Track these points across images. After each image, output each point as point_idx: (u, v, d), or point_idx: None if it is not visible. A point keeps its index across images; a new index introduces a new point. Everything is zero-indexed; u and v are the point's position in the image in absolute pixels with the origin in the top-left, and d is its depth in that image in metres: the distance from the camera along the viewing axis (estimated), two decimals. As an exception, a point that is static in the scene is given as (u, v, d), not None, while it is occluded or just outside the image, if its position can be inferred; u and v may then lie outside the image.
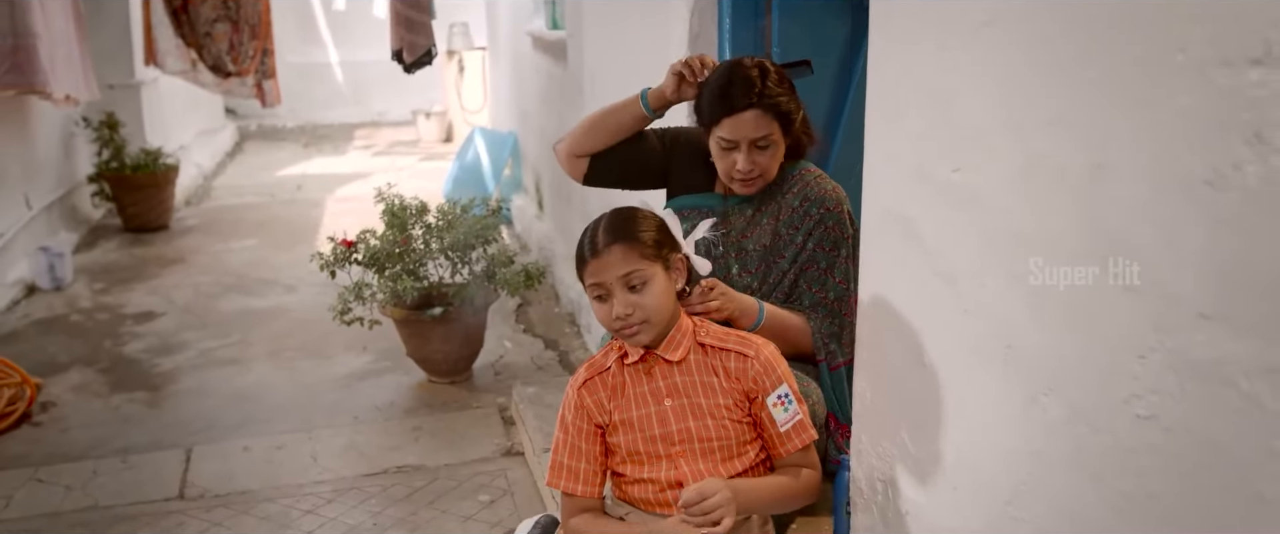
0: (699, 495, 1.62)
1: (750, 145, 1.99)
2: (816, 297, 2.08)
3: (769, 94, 1.98)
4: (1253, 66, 0.94)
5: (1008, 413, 1.37)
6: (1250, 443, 0.99)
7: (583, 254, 1.75)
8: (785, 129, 2.02)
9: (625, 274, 1.70)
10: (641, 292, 1.71)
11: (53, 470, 2.92)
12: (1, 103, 4.81)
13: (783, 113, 1.99)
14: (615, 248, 1.70)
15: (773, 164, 2.04)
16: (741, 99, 1.98)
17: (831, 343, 2.08)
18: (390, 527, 2.56)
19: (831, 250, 2.07)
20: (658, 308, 1.72)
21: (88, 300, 4.61)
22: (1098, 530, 1.23)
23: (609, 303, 1.71)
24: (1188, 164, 1.03)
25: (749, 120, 1.97)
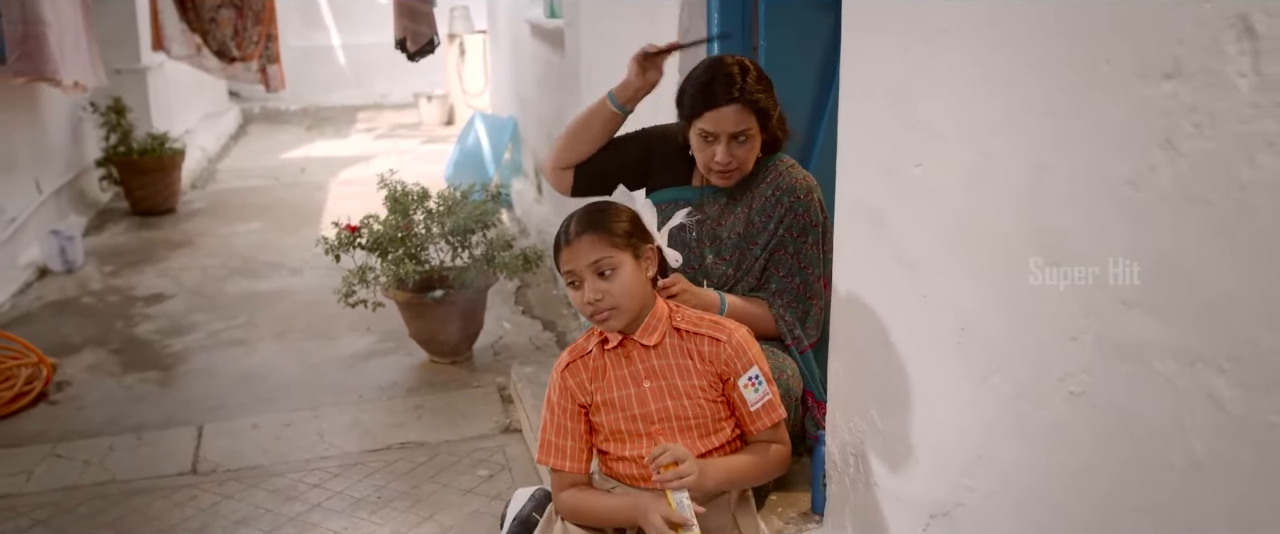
0: (665, 451, 1.75)
1: (729, 138, 2.10)
2: (784, 282, 2.19)
3: (749, 90, 2.09)
4: (1165, 80, 1.05)
5: (962, 392, 1.48)
6: (1163, 418, 1.10)
7: (557, 243, 1.86)
8: (763, 124, 2.13)
9: (594, 261, 1.81)
10: (610, 278, 1.81)
11: (70, 446, 3.04)
12: (12, 90, 4.91)
13: (761, 108, 2.11)
14: (585, 237, 1.81)
15: (749, 157, 2.15)
16: (723, 94, 2.09)
17: (797, 328, 2.20)
18: (393, 499, 2.68)
19: (800, 236, 2.18)
20: (626, 294, 1.82)
21: (98, 283, 4.73)
22: (1037, 497, 1.35)
23: (579, 290, 1.82)
24: (1112, 166, 1.14)
25: (729, 114, 2.09)
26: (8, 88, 4.85)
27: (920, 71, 1.51)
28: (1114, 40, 1.12)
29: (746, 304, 2.19)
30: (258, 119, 10.25)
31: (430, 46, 4.92)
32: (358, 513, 2.62)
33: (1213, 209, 1.01)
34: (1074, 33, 1.18)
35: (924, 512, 1.62)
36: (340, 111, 10.57)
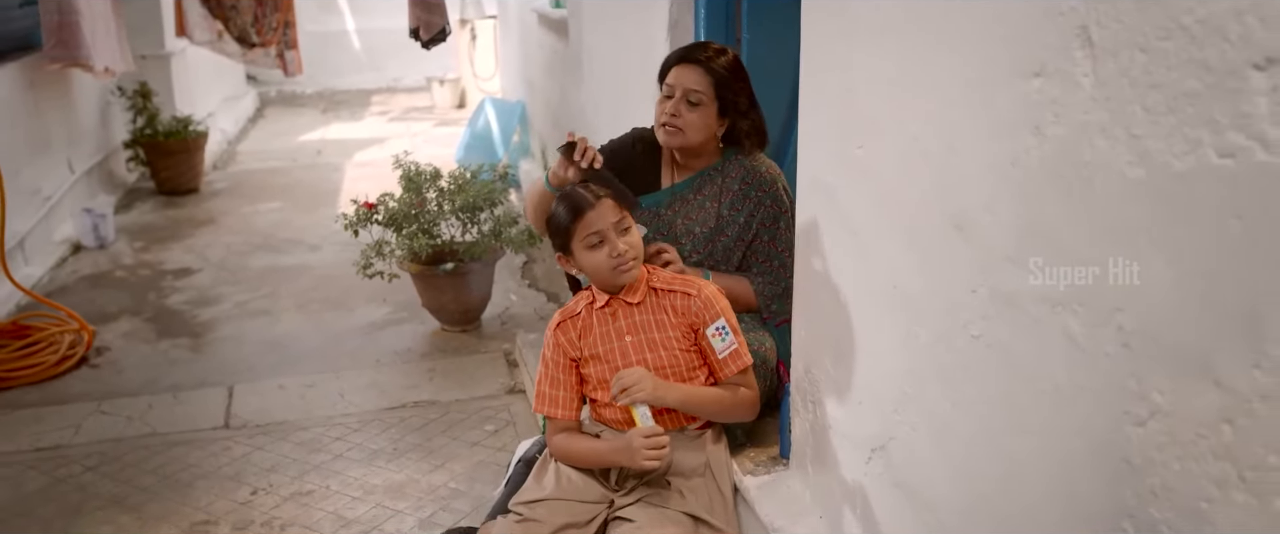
0: (617, 381, 2.02)
1: (683, 95, 2.35)
2: (763, 266, 2.45)
3: (713, 62, 2.35)
4: (1034, 77, 1.30)
5: (893, 340, 1.74)
6: (1034, 353, 1.35)
7: (577, 211, 2.10)
8: (721, 102, 2.37)
9: (617, 220, 2.09)
10: (630, 233, 2.10)
11: (113, 404, 3.33)
12: (47, 75, 5.18)
13: (720, 79, 2.35)
14: (607, 201, 2.09)
15: (695, 123, 2.36)
16: (691, 54, 2.37)
17: (774, 303, 2.45)
18: (408, 451, 2.95)
19: (772, 225, 2.43)
20: (639, 248, 2.12)
21: (130, 258, 5.02)
22: (949, 426, 1.60)
23: (604, 247, 2.08)
24: (1000, 149, 1.38)
25: (688, 72, 2.35)
26: (43, 73, 5.12)
27: (861, 68, 1.76)
28: (1001, 46, 1.36)
29: (729, 280, 2.44)
30: (274, 102, 10.52)
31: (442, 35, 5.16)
32: (375, 462, 2.89)
33: (1066, 182, 1.25)
34: (974, 38, 1.42)
35: (866, 447, 1.88)
36: (354, 95, 10.83)
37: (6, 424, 3.18)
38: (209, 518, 2.62)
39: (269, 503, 2.68)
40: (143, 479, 2.82)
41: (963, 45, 1.45)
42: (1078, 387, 1.28)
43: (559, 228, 2.14)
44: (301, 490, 2.74)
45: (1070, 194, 1.25)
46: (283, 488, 2.75)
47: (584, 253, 2.13)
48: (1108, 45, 1.16)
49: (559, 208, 2.13)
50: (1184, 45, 1.05)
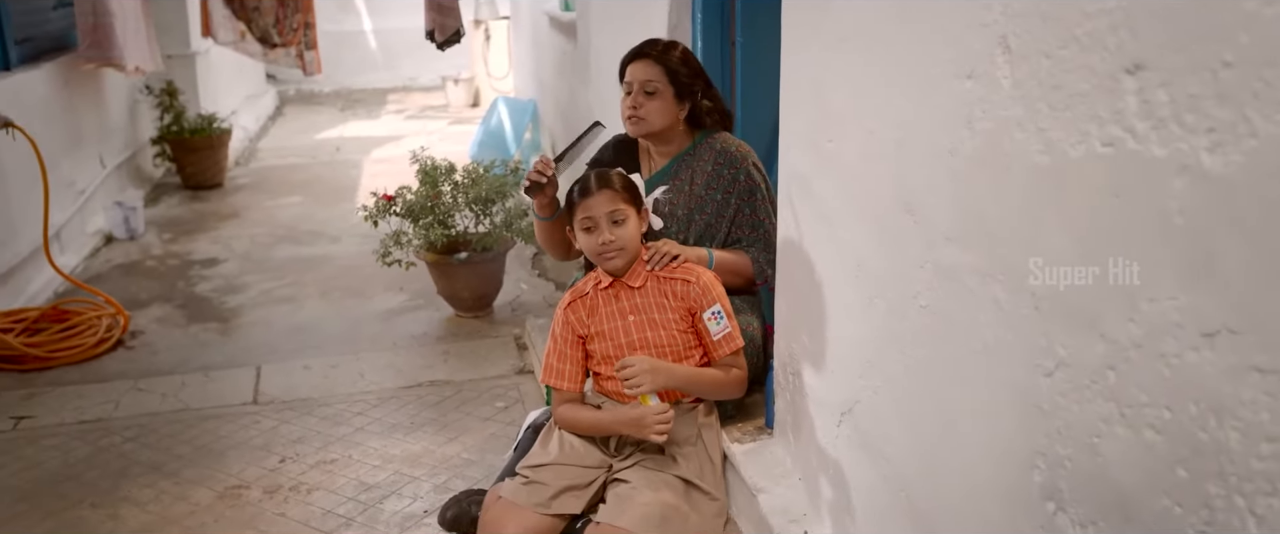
0: (624, 365, 2.22)
1: (639, 87, 2.58)
2: (751, 236, 2.66)
3: (663, 54, 2.58)
4: (967, 79, 1.50)
5: (858, 312, 1.94)
6: (969, 317, 1.56)
7: (574, 197, 2.34)
8: (676, 88, 2.59)
9: (610, 211, 2.30)
10: (621, 225, 2.31)
11: (148, 382, 3.56)
12: (81, 75, 5.43)
13: (673, 71, 2.58)
14: (604, 192, 2.31)
15: (656, 112, 2.60)
16: (641, 51, 2.61)
17: (768, 268, 2.66)
18: (424, 425, 3.17)
19: (749, 199, 2.65)
20: (630, 239, 2.33)
21: (159, 248, 5.26)
22: (903, 388, 1.80)
23: (596, 233, 2.30)
24: (941, 140, 1.59)
25: (641, 66, 2.59)
26: (77, 72, 5.37)
27: (829, 71, 1.97)
28: (941, 51, 1.56)
29: (729, 255, 2.66)
30: (293, 101, 10.77)
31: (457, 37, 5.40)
32: (394, 435, 3.11)
33: (991, 169, 1.46)
34: (919, 44, 1.63)
35: (837, 411, 2.09)
36: (371, 93, 11.07)
37: (51, 399, 3.42)
38: (241, 483, 2.84)
39: (296, 470, 2.90)
40: (179, 448, 3.05)
41: (910, 51, 1.66)
42: (1002, 345, 1.48)
43: (568, 206, 2.37)
44: (326, 459, 2.96)
45: (995, 179, 1.45)
46: (308, 457, 2.98)
47: (580, 234, 2.35)
48: (1022, 52, 1.36)
49: (574, 187, 2.36)
50: (1076, 52, 1.25)
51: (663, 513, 2.27)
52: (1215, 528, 1.10)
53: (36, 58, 5.10)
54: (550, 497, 2.36)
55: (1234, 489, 1.06)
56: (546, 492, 2.36)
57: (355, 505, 2.71)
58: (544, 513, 2.34)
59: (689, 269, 2.40)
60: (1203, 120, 1.06)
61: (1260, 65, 0.98)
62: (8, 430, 3.21)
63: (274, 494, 2.77)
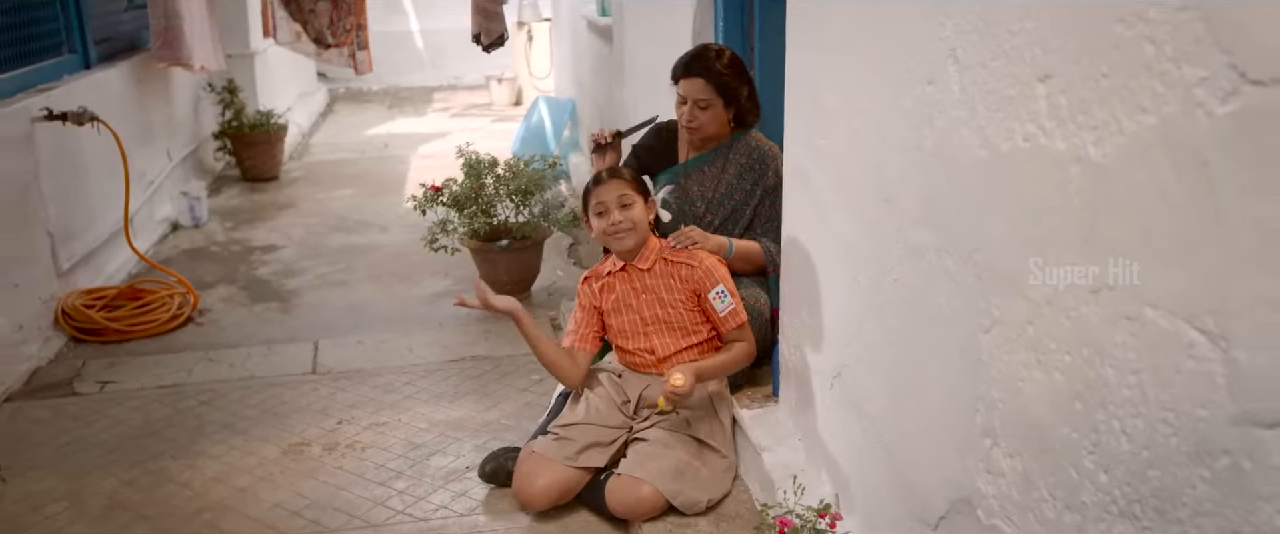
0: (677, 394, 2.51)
1: (694, 102, 2.88)
2: (766, 226, 2.95)
3: (714, 70, 2.87)
4: (929, 85, 1.77)
5: (845, 289, 2.22)
6: (929, 288, 1.83)
7: (589, 188, 2.66)
8: (726, 99, 2.89)
9: (619, 195, 2.62)
10: (629, 209, 2.62)
11: (217, 354, 3.91)
12: (151, 72, 5.82)
13: (723, 84, 2.87)
14: (613, 180, 2.63)
15: (710, 121, 2.92)
16: (694, 67, 2.88)
17: (777, 257, 2.95)
18: (466, 394, 3.49)
19: (773, 192, 2.93)
20: (638, 221, 2.63)
21: (222, 236, 5.64)
22: (881, 353, 2.07)
23: (606, 215, 2.61)
24: (908, 136, 1.86)
25: (696, 85, 2.87)
26: (148, 70, 5.76)
27: (824, 76, 2.25)
28: (908, 60, 1.84)
29: (745, 244, 2.96)
30: (343, 99, 11.18)
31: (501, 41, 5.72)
32: (439, 402, 3.43)
33: (945, 161, 1.73)
34: (893, 54, 1.90)
35: (828, 376, 2.36)
36: (418, 92, 11.45)
37: (131, 368, 3.78)
38: (303, 440, 3.17)
39: (352, 430, 3.23)
40: (247, 411, 3.39)
41: (885, 58, 1.94)
42: (953, 309, 1.75)
43: (583, 199, 2.69)
44: (378, 421, 3.29)
45: (947, 169, 1.73)
46: (362, 419, 3.30)
47: (594, 219, 2.67)
48: (967, 62, 1.64)
49: (588, 182, 2.67)
50: (1005, 63, 1.52)
51: (676, 467, 2.57)
52: (1100, 449, 1.37)
53: (112, 57, 5.48)
54: (577, 451, 2.67)
55: (1112, 415, 1.34)
56: (574, 447, 2.67)
57: (404, 461, 3.03)
58: (571, 465, 2.65)
59: (692, 254, 2.70)
60: (1089, 119, 1.33)
61: (1126, 76, 1.25)
62: (94, 393, 3.57)
63: (333, 450, 3.10)
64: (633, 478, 2.56)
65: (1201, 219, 1.14)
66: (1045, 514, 1.51)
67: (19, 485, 2.89)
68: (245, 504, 2.81)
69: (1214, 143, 1.11)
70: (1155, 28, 1.19)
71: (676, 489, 2.53)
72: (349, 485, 2.90)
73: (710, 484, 2.62)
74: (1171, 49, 1.17)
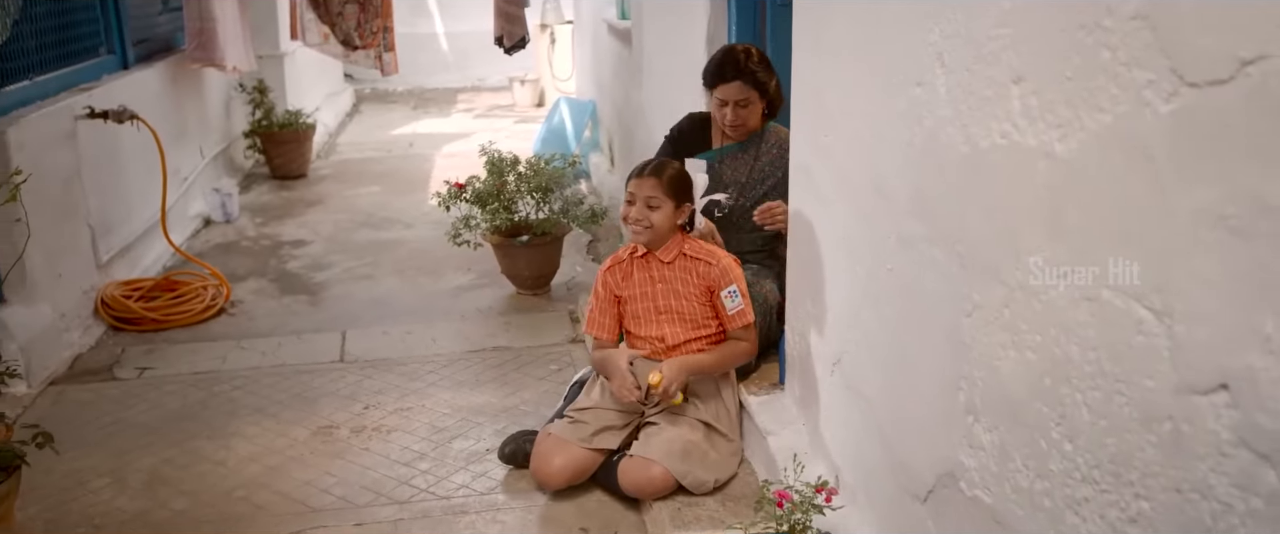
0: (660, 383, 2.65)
1: (735, 104, 3.02)
2: None
3: (749, 70, 3.01)
4: (917, 86, 1.90)
5: (846, 277, 2.35)
6: (918, 275, 1.96)
7: (634, 173, 2.80)
8: (762, 94, 3.04)
9: (649, 196, 2.74)
10: (654, 211, 2.75)
11: (249, 342, 4.07)
12: (186, 73, 6.01)
13: (759, 82, 3.02)
14: (650, 179, 2.75)
15: (751, 117, 3.08)
16: (728, 72, 3.01)
17: None
18: (487, 382, 3.63)
19: None
20: (659, 224, 2.76)
21: (252, 231, 5.82)
22: (877, 338, 2.20)
23: (633, 206, 2.74)
24: (901, 134, 1.99)
25: (734, 87, 3.02)
26: (182, 71, 5.95)
27: (826, 79, 2.38)
28: (900, 64, 1.97)
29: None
30: (369, 99, 11.37)
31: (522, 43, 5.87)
32: (461, 389, 3.58)
33: (933, 157, 1.86)
34: (887, 58, 2.03)
35: (829, 362, 2.49)
36: (442, 93, 11.63)
37: (168, 355, 3.95)
38: (331, 424, 3.33)
39: (377, 415, 3.38)
40: (278, 396, 3.55)
41: (881, 62, 2.07)
42: (940, 296, 1.88)
43: (631, 173, 2.81)
44: (402, 407, 3.44)
45: (935, 165, 1.86)
46: (388, 405, 3.46)
47: (624, 204, 2.80)
48: (951, 66, 1.77)
49: (639, 165, 2.81)
50: (984, 67, 1.65)
51: (684, 448, 2.70)
52: (1066, 420, 1.49)
53: (149, 58, 5.67)
54: (591, 434, 2.81)
55: (1075, 388, 1.46)
56: (588, 429, 2.81)
57: (428, 443, 3.18)
58: (586, 447, 2.79)
59: (712, 252, 2.83)
60: (1056, 118, 1.46)
61: (1086, 78, 1.38)
62: (134, 379, 3.74)
63: (360, 433, 3.25)
64: (644, 459, 2.70)
65: (1148, 207, 1.27)
66: (1019, 483, 1.63)
67: (65, 462, 3.05)
68: (277, 482, 2.97)
69: (1158, 138, 1.24)
70: (1110, 35, 1.32)
71: (685, 470, 2.67)
72: (375, 466, 3.05)
73: (718, 466, 2.75)
74: (1124, 54, 1.29)
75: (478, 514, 2.78)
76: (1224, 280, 1.15)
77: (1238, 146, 1.12)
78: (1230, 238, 1.14)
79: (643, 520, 2.70)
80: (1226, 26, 1.12)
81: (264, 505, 2.84)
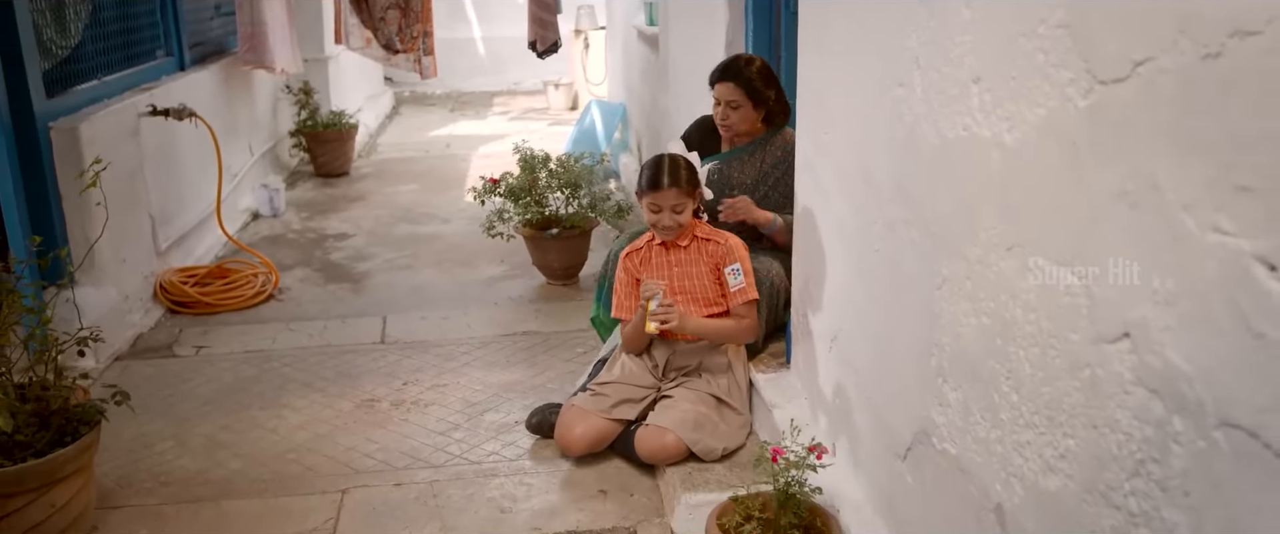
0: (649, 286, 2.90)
1: (726, 103, 3.27)
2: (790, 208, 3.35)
3: (744, 76, 3.25)
4: (899, 87, 2.14)
5: (841, 261, 2.59)
6: (900, 256, 2.19)
7: (648, 185, 3.01)
8: (755, 101, 3.27)
9: (674, 204, 2.99)
10: (679, 214, 2.99)
11: (297, 325, 4.37)
12: (237, 74, 6.34)
13: (751, 87, 3.26)
14: (673, 189, 2.98)
15: (741, 120, 3.31)
16: (726, 73, 3.27)
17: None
18: (518, 362, 3.90)
19: None
20: (683, 224, 3.00)
21: (298, 224, 6.13)
22: (867, 315, 2.43)
23: (660, 215, 2.98)
24: (885, 130, 2.22)
25: (726, 88, 3.27)
26: (234, 72, 6.28)
27: (825, 78, 2.62)
28: (885, 67, 2.20)
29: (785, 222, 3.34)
30: (408, 102, 11.71)
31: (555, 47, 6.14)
32: (493, 368, 3.85)
33: (910, 151, 2.09)
34: (875, 61, 2.27)
35: (827, 338, 2.73)
36: (479, 96, 11.95)
37: (222, 335, 4.25)
38: (373, 397, 3.61)
39: (416, 390, 3.66)
40: (324, 372, 3.84)
41: (871, 65, 2.30)
42: (914, 273, 2.11)
43: (641, 185, 3.05)
44: (439, 383, 3.71)
45: (913, 157, 2.09)
46: (425, 381, 3.73)
47: (647, 210, 3.04)
48: (926, 68, 2.00)
49: (647, 171, 3.04)
50: (951, 69, 1.89)
51: (696, 418, 2.95)
52: (1013, 375, 1.72)
53: (203, 60, 6.01)
54: (611, 405, 3.06)
55: (1018, 346, 1.69)
56: (608, 401, 3.06)
57: (462, 416, 3.45)
58: (606, 417, 3.04)
59: (722, 234, 3.08)
60: (1005, 112, 1.69)
61: (1026, 78, 1.61)
62: (192, 355, 4.04)
63: (399, 406, 3.53)
64: (659, 427, 2.95)
65: (1071, 187, 1.50)
66: (978, 434, 1.86)
67: (132, 427, 3.35)
68: (324, 446, 3.24)
69: (1079, 128, 1.47)
70: (1043, 40, 1.55)
71: (696, 438, 2.91)
72: (413, 434, 3.32)
73: (726, 436, 2.99)
74: (1053, 57, 1.53)
75: (506, 477, 3.04)
76: (1125, 246, 1.39)
77: (1133, 134, 1.35)
78: (1129, 211, 1.37)
79: (656, 484, 2.95)
80: (1124, 31, 1.35)
81: (313, 467, 3.12)
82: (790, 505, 2.40)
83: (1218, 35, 1.17)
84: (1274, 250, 1.12)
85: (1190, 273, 1.25)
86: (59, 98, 4.09)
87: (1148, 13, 1.29)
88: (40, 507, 2.53)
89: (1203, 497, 1.26)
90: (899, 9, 2.11)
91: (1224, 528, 1.23)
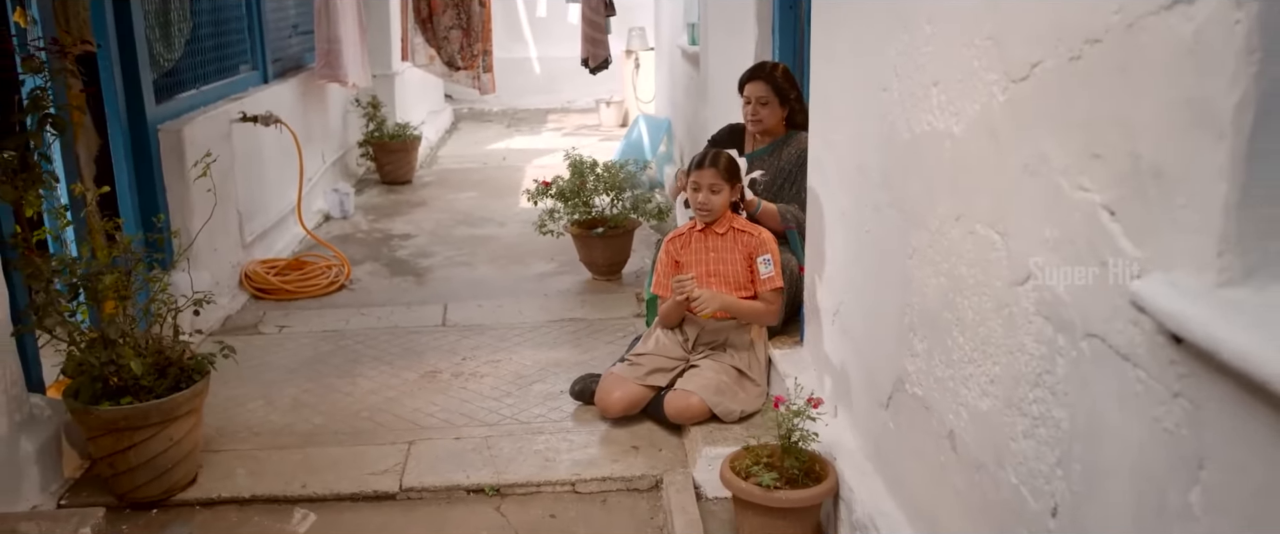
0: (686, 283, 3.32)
1: (756, 101, 3.70)
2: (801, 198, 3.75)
3: (771, 76, 3.69)
4: (883, 91, 2.55)
5: (841, 244, 2.99)
6: (884, 233, 2.59)
7: (694, 164, 3.46)
8: (781, 100, 3.70)
9: (711, 184, 3.42)
10: (716, 195, 3.42)
11: (367, 310, 4.86)
12: (314, 87, 6.90)
13: (777, 86, 3.69)
14: (710, 169, 3.42)
15: (770, 117, 3.75)
16: (755, 74, 3.71)
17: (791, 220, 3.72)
18: (564, 344, 4.34)
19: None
20: (719, 206, 3.43)
21: (366, 226, 6.65)
22: (860, 287, 2.83)
23: (698, 193, 3.42)
24: (874, 128, 2.63)
25: (757, 86, 3.71)
26: (310, 86, 6.84)
27: (832, 84, 3.04)
28: (873, 72, 2.61)
29: (769, 205, 3.73)
30: (466, 117, 12.27)
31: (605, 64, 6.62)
32: (541, 348, 4.29)
33: (891, 144, 2.50)
34: (866, 67, 2.68)
35: (831, 313, 3.13)
36: (534, 113, 12.48)
37: (302, 317, 4.76)
38: (436, 370, 4.07)
39: (474, 364, 4.12)
40: (392, 349, 4.31)
41: (864, 71, 2.72)
42: (894, 247, 2.51)
43: (689, 166, 3.48)
44: (493, 359, 4.16)
45: (892, 149, 2.50)
46: (482, 357, 4.19)
47: (689, 190, 3.48)
48: (901, 74, 2.41)
49: (697, 156, 3.48)
50: (918, 74, 2.29)
51: (718, 385, 3.36)
52: (960, 322, 2.12)
53: (283, 74, 6.57)
54: (645, 373, 3.48)
55: (963, 297, 2.09)
56: (643, 370, 3.49)
57: (513, 385, 3.89)
58: (640, 383, 3.47)
59: (755, 227, 3.50)
60: (954, 108, 2.10)
61: (967, 79, 2.02)
62: (274, 334, 4.55)
63: (459, 377, 3.99)
64: (685, 391, 3.36)
65: (995, 165, 1.91)
66: (937, 375, 2.26)
67: (225, 390, 3.84)
68: (393, 407, 3.71)
69: (1000, 119, 1.88)
70: (978, 49, 1.96)
71: (717, 400, 3.32)
72: (470, 400, 3.77)
73: (745, 401, 3.40)
74: (984, 62, 1.94)
75: (552, 435, 3.47)
76: (1028, 206, 1.79)
77: (1032, 120, 1.75)
78: (1030, 179, 1.77)
79: (681, 442, 3.36)
80: (1026, 39, 1.76)
81: (383, 423, 3.58)
82: (793, 451, 2.80)
83: (1078, 41, 1.58)
84: (1114, 200, 1.52)
85: (1065, 222, 1.65)
86: (165, 104, 4.64)
87: (1040, 23, 1.70)
88: (160, 440, 3.01)
89: (1076, 395, 1.66)
90: (884, 24, 2.52)
91: (1089, 416, 1.63)
